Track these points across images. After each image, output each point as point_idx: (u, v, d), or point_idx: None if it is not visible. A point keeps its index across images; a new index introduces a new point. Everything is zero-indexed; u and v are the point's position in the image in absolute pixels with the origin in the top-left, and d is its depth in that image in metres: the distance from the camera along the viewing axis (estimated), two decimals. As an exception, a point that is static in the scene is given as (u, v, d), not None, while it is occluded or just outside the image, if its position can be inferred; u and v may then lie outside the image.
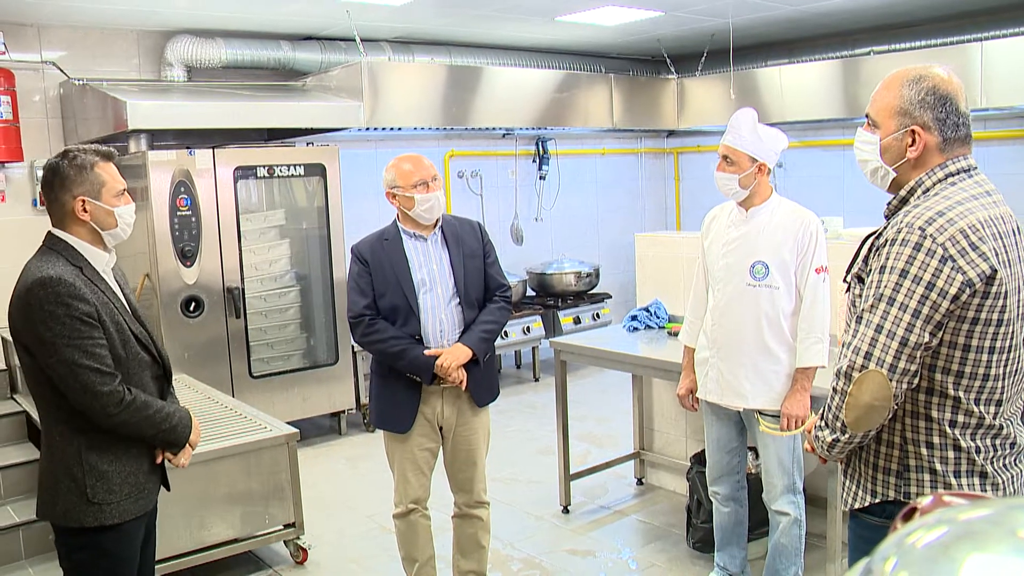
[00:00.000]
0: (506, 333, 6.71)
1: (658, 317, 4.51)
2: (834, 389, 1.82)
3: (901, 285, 1.72)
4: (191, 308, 5.25)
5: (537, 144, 7.80)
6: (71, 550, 2.31)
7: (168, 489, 2.51)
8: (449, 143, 7.31)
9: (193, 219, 5.21)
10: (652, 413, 4.74)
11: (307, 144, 5.95)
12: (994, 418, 1.81)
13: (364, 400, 5.92)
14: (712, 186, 3.25)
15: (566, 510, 4.41)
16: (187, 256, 5.21)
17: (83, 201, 2.26)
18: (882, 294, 1.74)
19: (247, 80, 6.12)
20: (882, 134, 1.86)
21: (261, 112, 5.46)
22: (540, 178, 7.87)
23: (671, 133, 8.64)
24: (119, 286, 2.37)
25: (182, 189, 5.16)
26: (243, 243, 5.43)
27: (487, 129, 6.96)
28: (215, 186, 5.28)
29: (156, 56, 5.89)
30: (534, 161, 7.84)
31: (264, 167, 5.46)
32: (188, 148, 5.27)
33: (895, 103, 1.84)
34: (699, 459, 3.86)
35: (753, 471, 3.63)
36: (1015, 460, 1.88)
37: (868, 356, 1.75)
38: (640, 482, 4.79)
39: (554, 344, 4.36)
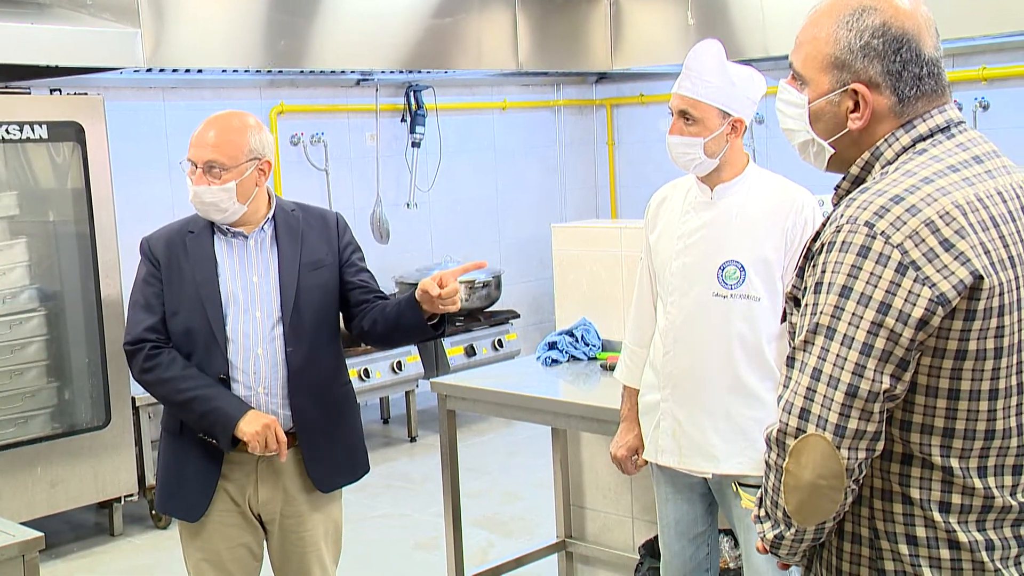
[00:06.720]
0: (367, 373, 6.72)
1: (587, 344, 4.54)
2: (767, 464, 1.83)
3: (843, 310, 1.71)
4: None
5: (408, 95, 7.76)
6: None
7: None
8: (277, 93, 7.21)
9: None
10: (582, 484, 4.77)
11: (52, 92, 5.75)
12: (1011, 495, 1.78)
13: (152, 480, 5.75)
14: (662, 153, 3.26)
15: (459, 634, 4.40)
16: None
17: None
18: (818, 324, 1.74)
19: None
20: (811, 94, 1.88)
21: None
22: (413, 144, 7.84)
23: (602, 77, 8.78)
24: None
25: None
26: (-52, 245, 5.30)
27: (333, 73, 6.93)
28: None
29: None
30: (404, 120, 7.82)
31: (-19, 125, 5.31)
32: None
33: (827, 49, 1.85)
34: (652, 550, 3.86)
35: (731, 565, 3.68)
36: None
37: (805, 415, 1.74)
38: (567, 586, 4.82)
39: (437, 387, 4.37)
